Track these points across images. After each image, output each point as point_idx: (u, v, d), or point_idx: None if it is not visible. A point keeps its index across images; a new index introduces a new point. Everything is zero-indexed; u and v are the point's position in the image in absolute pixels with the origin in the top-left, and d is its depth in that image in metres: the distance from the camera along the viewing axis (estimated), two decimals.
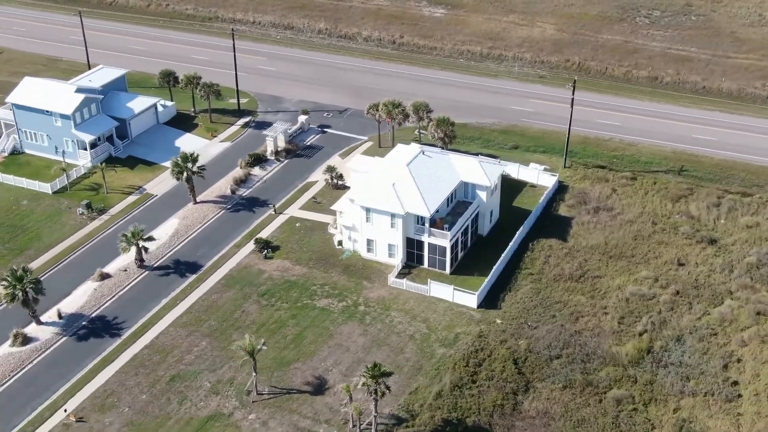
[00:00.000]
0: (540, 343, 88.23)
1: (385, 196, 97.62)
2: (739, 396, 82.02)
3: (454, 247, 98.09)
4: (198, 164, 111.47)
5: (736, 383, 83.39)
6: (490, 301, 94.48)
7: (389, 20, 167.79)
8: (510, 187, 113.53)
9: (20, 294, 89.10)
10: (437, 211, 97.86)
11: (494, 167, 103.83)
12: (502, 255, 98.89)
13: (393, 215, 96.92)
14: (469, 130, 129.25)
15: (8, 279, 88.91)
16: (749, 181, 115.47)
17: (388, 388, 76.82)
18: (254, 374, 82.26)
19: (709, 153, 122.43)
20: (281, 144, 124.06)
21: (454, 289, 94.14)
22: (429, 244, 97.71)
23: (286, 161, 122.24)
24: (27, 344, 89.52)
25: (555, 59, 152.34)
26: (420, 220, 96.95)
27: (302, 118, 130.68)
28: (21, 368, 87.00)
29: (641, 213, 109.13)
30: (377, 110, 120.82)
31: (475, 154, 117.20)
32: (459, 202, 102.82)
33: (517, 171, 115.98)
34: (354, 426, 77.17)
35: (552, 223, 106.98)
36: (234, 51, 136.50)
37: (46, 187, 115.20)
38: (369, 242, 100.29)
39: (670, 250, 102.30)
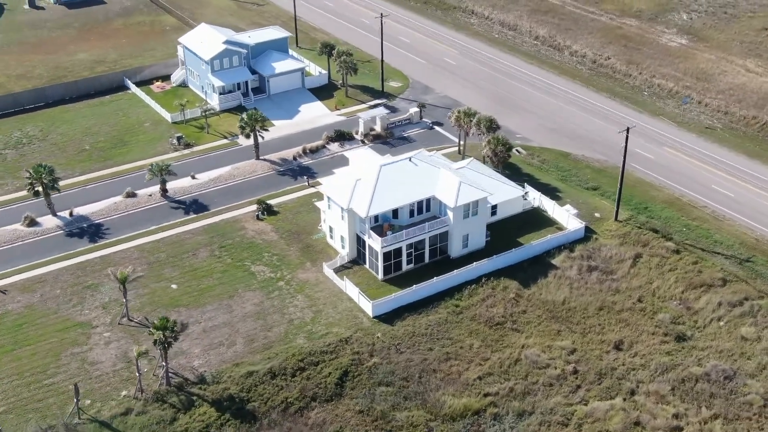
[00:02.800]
0: (386, 368, 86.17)
1: (342, 189, 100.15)
2: None
3: (392, 255, 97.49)
4: (262, 125, 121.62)
5: None
6: (391, 316, 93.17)
7: (614, 39, 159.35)
8: (535, 222, 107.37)
9: (38, 186, 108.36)
10: (391, 217, 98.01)
11: (474, 191, 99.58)
12: (433, 279, 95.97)
13: (342, 208, 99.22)
14: (565, 160, 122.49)
15: (30, 172, 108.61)
16: None
17: (174, 338, 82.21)
18: (125, 301, 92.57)
19: None
20: (377, 128, 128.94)
21: (359, 293, 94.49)
22: (368, 245, 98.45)
23: (369, 145, 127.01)
24: (31, 226, 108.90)
25: (744, 113, 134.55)
26: (367, 219, 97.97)
27: (413, 110, 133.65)
28: (12, 242, 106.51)
29: (638, 287, 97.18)
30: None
31: (521, 183, 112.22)
32: (432, 216, 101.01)
33: (552, 208, 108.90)
34: (139, 373, 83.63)
35: (533, 268, 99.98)
36: (381, 36, 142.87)
37: (168, 117, 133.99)
38: (330, 229, 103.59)
39: (622, 331, 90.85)
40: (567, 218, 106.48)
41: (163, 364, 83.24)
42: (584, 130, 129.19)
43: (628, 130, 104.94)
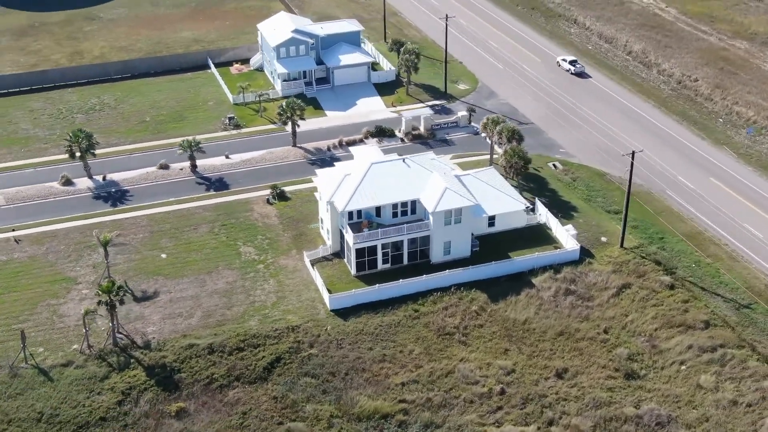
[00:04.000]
0: (319, 360, 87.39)
1: (331, 182, 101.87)
2: None
3: (365, 252, 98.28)
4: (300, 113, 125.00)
5: None
6: (349, 311, 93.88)
7: (711, 61, 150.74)
8: (534, 238, 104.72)
9: (76, 150, 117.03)
10: (374, 215, 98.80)
11: (458, 199, 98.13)
12: (399, 281, 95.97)
13: (326, 201, 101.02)
14: (598, 179, 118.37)
15: (70, 136, 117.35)
16: None
17: (121, 302, 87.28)
18: (106, 262, 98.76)
19: None
20: (420, 128, 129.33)
21: (322, 284, 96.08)
22: (346, 239, 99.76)
23: (408, 144, 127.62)
24: (66, 186, 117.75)
25: None
26: (344, 213, 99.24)
27: (462, 113, 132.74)
28: (45, 198, 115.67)
29: (611, 318, 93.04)
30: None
31: (534, 198, 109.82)
32: (417, 219, 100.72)
33: (555, 227, 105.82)
34: (86, 330, 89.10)
35: (509, 284, 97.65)
36: (446, 39, 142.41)
37: (231, 98, 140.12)
38: (321, 220, 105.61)
39: (572, 360, 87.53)
40: (566, 238, 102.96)
41: (112, 324, 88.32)
42: (636, 155, 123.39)
43: (633, 154, 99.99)
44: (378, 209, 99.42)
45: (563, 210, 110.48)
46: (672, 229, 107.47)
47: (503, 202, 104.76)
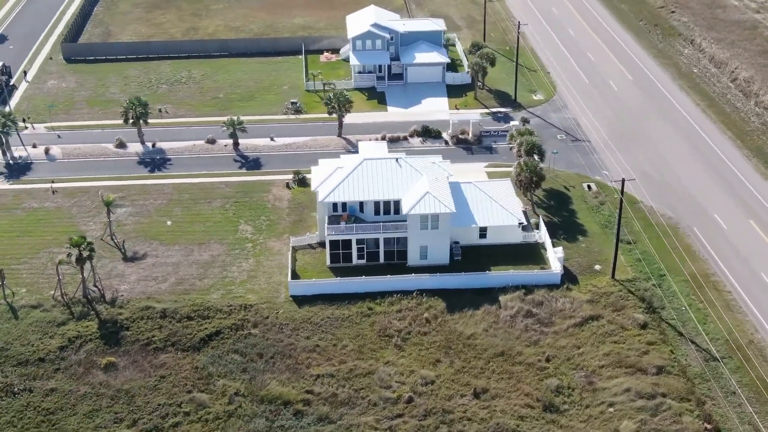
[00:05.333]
0: (254, 340, 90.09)
1: (322, 173, 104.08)
2: None
3: (340, 245, 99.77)
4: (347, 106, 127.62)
5: None
6: (307, 299, 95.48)
7: None
8: (524, 256, 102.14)
9: (131, 117, 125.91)
10: (358, 210, 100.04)
11: (436, 205, 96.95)
12: (361, 278, 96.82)
13: (312, 190, 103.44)
14: (629, 206, 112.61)
15: (126, 104, 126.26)
16: None
17: (88, 257, 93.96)
18: (108, 221, 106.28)
19: None
20: (470, 132, 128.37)
21: (289, 270, 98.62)
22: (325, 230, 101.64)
23: (452, 147, 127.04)
24: (119, 148, 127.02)
25: None
26: (324, 205, 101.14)
27: (514, 123, 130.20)
28: (97, 157, 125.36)
29: (561, 347, 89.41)
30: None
31: (537, 216, 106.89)
32: (398, 219, 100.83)
33: (549, 248, 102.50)
34: (59, 278, 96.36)
35: (474, 297, 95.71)
36: (517, 47, 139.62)
37: (303, 85, 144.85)
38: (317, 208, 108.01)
39: (497, 382, 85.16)
40: (554, 259, 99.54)
41: (93, 276, 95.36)
42: (680, 182, 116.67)
43: (623, 181, 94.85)
44: (361, 205, 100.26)
45: (572, 232, 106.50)
46: (679, 266, 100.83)
47: (496, 215, 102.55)
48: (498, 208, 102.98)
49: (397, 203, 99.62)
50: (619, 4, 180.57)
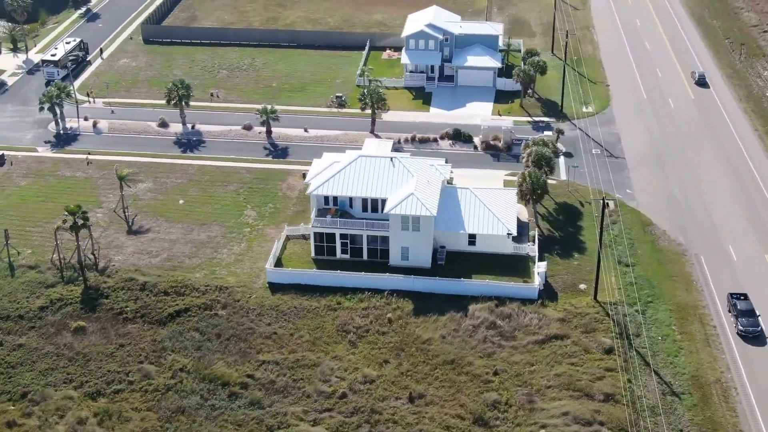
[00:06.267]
0: (217, 321, 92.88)
1: (319, 167, 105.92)
2: None
3: (324, 237, 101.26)
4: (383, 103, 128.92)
5: None
6: (282, 287, 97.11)
7: None
8: (509, 267, 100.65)
9: (173, 98, 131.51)
10: (348, 205, 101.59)
11: (418, 207, 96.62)
12: (337, 272, 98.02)
13: (304, 182, 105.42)
14: (638, 228, 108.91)
15: (170, 86, 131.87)
16: None
17: (83, 225, 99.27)
18: (121, 193, 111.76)
19: None
20: (501, 139, 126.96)
21: (271, 257, 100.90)
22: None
23: (480, 152, 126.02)
24: (160, 127, 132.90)
25: None
26: (313, 197, 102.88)
27: (548, 133, 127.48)
28: (139, 134, 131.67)
29: (514, 362, 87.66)
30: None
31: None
32: (384, 218, 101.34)
33: (535, 261, 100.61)
34: (56, 243, 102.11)
35: (442, 303, 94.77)
36: (564, 61, 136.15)
37: (355, 80, 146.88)
38: None
39: (437, 390, 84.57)
40: (535, 272, 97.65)
41: (91, 244, 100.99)
42: (705, 208, 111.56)
43: (604, 200, 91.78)
44: (351, 201, 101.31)
45: (568, 248, 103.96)
46: (672, 294, 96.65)
47: (487, 223, 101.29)
48: (490, 216, 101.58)
49: (384, 202, 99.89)
50: (711, 20, 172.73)
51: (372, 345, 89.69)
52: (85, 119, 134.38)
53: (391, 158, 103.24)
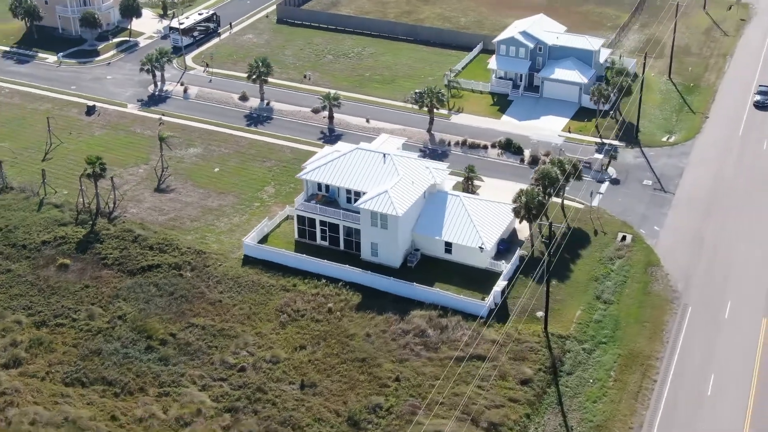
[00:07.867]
0: (180, 282, 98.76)
1: (319, 155, 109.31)
2: None
3: (306, 222, 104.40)
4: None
5: None
6: (256, 262, 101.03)
7: None
8: (477, 281, 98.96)
9: (254, 74, 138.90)
10: (336, 195, 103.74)
11: (387, 205, 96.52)
12: (303, 256, 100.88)
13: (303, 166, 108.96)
14: (638, 266, 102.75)
15: (252, 63, 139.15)
16: None
17: (102, 172, 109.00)
18: (161, 154, 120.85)
19: None
20: (550, 156, 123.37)
21: (258, 233, 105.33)
22: None
23: (524, 166, 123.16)
24: (240, 100, 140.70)
25: None
26: (304, 182, 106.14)
27: (599, 156, 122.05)
28: (219, 104, 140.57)
29: (423, 374, 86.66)
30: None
31: (531, 252, 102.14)
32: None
33: (500, 288, 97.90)
34: (81, 189, 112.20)
35: (391, 304, 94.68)
36: (641, 87, 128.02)
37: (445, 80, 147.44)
38: None
39: (333, 384, 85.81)
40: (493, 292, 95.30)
41: (114, 194, 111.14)
42: (727, 259, 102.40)
43: (551, 224, 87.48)
44: (338, 190, 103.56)
45: (552, 275, 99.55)
46: (630, 340, 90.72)
47: (463, 234, 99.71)
48: (470, 226, 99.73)
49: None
50: None
51: (299, 330, 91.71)
52: (181, 84, 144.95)
53: (384, 154, 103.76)
